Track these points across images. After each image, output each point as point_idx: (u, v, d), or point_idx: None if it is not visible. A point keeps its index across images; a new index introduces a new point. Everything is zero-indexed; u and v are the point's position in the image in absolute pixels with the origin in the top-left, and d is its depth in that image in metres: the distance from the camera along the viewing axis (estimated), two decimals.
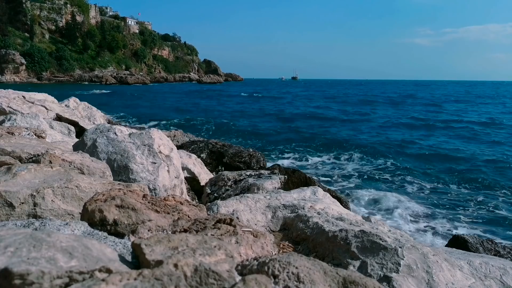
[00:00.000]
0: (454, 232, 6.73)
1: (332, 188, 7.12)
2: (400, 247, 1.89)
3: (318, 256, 2.05)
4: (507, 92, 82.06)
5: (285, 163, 11.85)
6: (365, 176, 10.88)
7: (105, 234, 1.31)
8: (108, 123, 7.80)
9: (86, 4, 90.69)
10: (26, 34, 74.93)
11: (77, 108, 7.58)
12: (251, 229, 1.43)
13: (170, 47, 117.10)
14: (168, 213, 1.52)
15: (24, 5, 75.78)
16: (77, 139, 4.03)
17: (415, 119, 25.26)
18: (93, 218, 1.39)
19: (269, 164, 6.84)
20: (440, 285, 1.79)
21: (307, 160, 13.08)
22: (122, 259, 1.04)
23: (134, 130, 3.56)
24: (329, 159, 13.18)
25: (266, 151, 12.96)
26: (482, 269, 2.07)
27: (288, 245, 2.25)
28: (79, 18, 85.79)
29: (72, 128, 5.41)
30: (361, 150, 14.33)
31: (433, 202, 8.67)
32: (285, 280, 0.98)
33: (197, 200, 4.36)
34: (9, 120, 4.36)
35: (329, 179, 10.51)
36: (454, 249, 2.77)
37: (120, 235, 1.36)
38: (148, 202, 1.54)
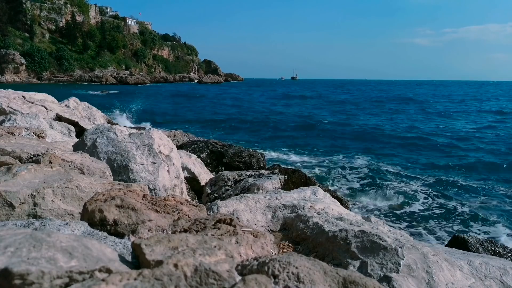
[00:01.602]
0: (454, 232, 6.74)
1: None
2: (400, 247, 1.89)
3: (318, 256, 2.05)
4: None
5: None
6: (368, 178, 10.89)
7: (105, 234, 1.31)
8: (108, 123, 7.80)
9: (86, 4, 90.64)
10: (26, 34, 74.89)
11: (77, 108, 7.58)
12: (251, 229, 1.43)
13: (170, 47, 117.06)
14: (168, 213, 1.52)
15: (24, 5, 75.74)
16: (77, 139, 4.03)
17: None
18: (93, 218, 1.39)
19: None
20: (440, 285, 1.79)
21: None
22: (122, 259, 1.04)
23: (134, 130, 3.56)
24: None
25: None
26: (482, 269, 2.07)
27: (288, 245, 2.25)
28: (79, 18, 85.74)
29: (72, 128, 5.41)
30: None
31: (433, 201, 8.68)
32: (285, 280, 0.98)
33: (197, 200, 4.36)
34: (9, 120, 4.36)
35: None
36: (454, 249, 2.77)
37: (120, 235, 1.36)
38: (148, 202, 1.54)
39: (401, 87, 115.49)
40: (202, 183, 4.83)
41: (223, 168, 6.37)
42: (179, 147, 6.17)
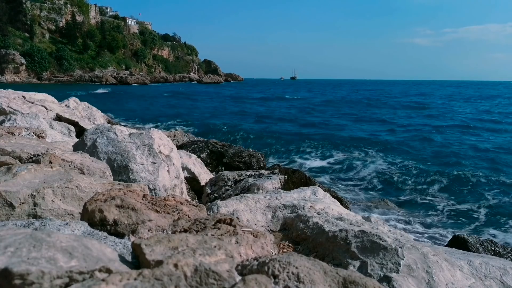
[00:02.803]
0: (456, 232, 6.73)
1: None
2: (400, 247, 1.89)
3: (318, 256, 2.05)
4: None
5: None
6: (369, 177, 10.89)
7: (105, 234, 1.31)
8: (108, 123, 7.80)
9: (86, 4, 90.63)
10: (26, 34, 74.89)
11: (77, 108, 7.58)
12: (251, 229, 1.43)
13: (170, 47, 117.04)
14: (168, 213, 1.52)
15: (24, 5, 75.72)
16: (77, 139, 4.03)
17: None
18: (93, 218, 1.39)
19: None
20: (440, 285, 1.79)
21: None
22: (122, 259, 1.04)
23: (134, 130, 3.56)
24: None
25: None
26: (482, 269, 2.07)
27: (288, 245, 2.25)
28: (79, 18, 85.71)
29: (72, 128, 5.41)
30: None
31: (433, 201, 8.68)
32: (285, 280, 0.98)
33: (197, 200, 4.36)
34: (9, 120, 4.37)
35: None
36: (454, 249, 2.77)
37: (120, 235, 1.36)
38: (148, 202, 1.54)
39: (402, 86, 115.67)
40: (202, 183, 4.84)
41: (223, 168, 6.38)
42: (179, 147, 6.17)
